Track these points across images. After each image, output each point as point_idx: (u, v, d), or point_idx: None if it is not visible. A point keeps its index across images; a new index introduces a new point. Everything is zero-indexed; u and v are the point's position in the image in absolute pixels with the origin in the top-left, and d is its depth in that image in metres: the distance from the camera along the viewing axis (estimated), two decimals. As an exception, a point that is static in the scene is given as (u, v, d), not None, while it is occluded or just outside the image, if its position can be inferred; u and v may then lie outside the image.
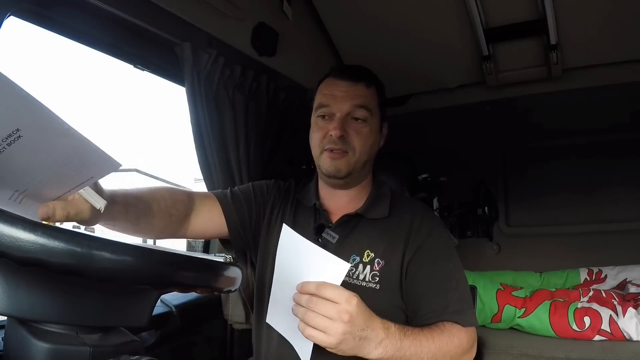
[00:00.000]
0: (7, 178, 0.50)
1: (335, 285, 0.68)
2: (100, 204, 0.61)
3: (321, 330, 0.67)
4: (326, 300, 0.67)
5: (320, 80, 0.98)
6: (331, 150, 0.90)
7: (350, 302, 0.67)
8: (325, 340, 0.67)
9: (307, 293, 0.68)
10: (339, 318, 0.66)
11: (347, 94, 0.91)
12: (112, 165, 0.55)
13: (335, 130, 0.88)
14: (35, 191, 0.54)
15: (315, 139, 0.94)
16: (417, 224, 0.93)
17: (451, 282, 0.89)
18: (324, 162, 0.92)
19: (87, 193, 0.59)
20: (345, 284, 0.70)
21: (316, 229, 0.95)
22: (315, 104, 0.96)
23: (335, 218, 0.97)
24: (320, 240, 0.94)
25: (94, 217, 0.62)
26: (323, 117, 0.93)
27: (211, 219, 0.96)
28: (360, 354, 0.71)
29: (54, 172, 0.52)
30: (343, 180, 0.94)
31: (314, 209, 0.99)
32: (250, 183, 1.07)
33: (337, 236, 0.93)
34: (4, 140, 0.46)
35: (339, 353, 0.70)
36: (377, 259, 0.90)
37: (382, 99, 0.97)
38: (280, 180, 1.09)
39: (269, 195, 1.04)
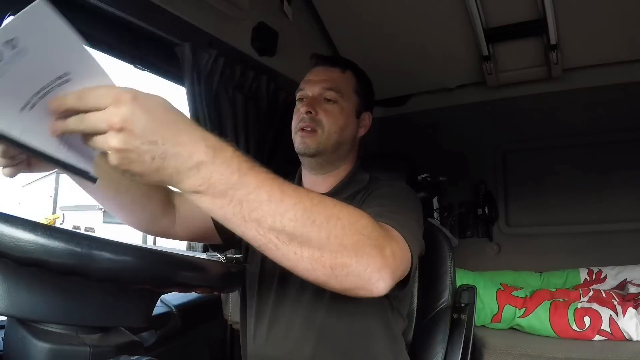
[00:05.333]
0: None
1: (98, 87, 0.46)
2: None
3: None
4: (89, 113, 0.46)
5: None
6: (302, 129, 0.93)
7: (119, 101, 0.44)
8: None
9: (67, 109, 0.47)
10: (107, 127, 0.44)
11: (320, 77, 0.95)
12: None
13: (304, 107, 0.93)
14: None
15: (293, 121, 0.98)
16: (372, 187, 0.92)
17: (395, 209, 0.77)
18: (296, 140, 0.96)
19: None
20: None
21: None
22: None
23: None
24: None
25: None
26: (301, 100, 0.97)
27: (194, 210, 0.92)
28: (169, 183, 0.49)
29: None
30: (314, 160, 0.96)
31: None
32: None
33: None
34: (53, 81, 0.45)
35: (140, 180, 0.48)
36: None
37: (361, 86, 0.99)
38: None
39: None
